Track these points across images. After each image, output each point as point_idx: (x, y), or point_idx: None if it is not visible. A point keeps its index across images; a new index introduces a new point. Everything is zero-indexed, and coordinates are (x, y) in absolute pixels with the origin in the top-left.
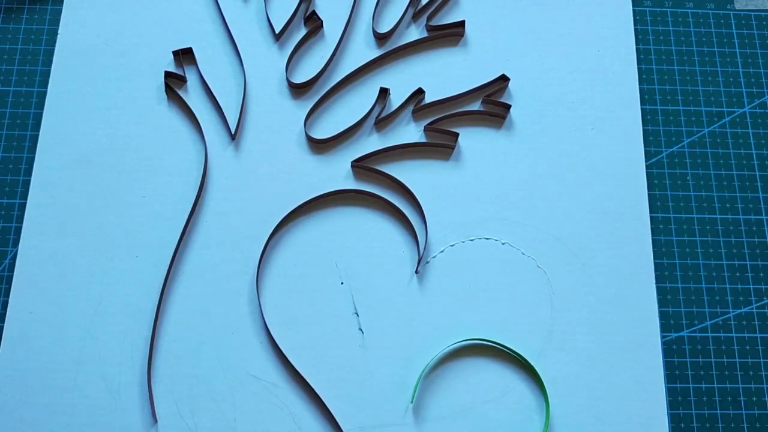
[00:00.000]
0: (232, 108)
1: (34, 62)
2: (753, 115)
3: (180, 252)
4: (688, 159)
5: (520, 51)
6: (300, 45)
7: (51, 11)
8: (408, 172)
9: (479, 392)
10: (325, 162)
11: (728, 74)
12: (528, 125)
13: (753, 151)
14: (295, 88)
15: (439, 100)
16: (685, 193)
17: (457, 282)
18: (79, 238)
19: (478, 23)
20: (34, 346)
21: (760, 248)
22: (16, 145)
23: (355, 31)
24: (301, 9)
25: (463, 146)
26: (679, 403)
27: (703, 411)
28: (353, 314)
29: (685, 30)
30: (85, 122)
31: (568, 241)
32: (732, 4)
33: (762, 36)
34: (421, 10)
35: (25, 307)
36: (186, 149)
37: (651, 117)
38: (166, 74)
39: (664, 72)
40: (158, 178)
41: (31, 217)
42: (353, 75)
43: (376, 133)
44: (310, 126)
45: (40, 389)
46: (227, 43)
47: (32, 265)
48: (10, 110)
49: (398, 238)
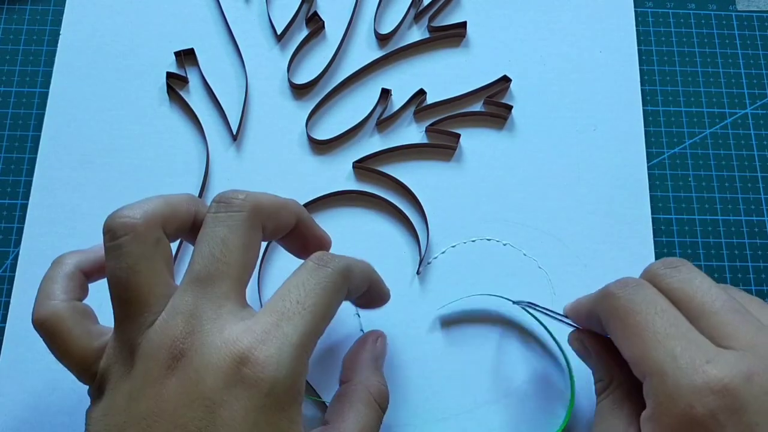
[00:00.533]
0: (233, 109)
1: (36, 63)
2: (755, 116)
3: (181, 253)
4: (690, 160)
5: (522, 52)
6: (301, 46)
7: (53, 12)
8: (409, 173)
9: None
10: (327, 163)
11: (730, 75)
12: (529, 126)
13: (755, 152)
14: (297, 88)
15: (441, 101)
16: (687, 194)
17: (459, 283)
18: (80, 239)
19: (479, 24)
20: (35, 347)
21: (761, 249)
22: (17, 146)
23: (356, 32)
24: (302, 10)
25: (464, 147)
26: None
27: None
28: (354, 315)
29: (686, 31)
30: (87, 123)
31: (570, 242)
32: (734, 5)
33: (764, 37)
34: (422, 11)
35: (27, 308)
36: (187, 150)
37: (653, 118)
38: (168, 75)
39: (666, 73)
40: (160, 179)
41: (32, 218)
42: (355, 76)
43: (378, 134)
44: (312, 127)
45: (42, 390)
46: (229, 43)
47: (34, 265)
48: (12, 111)
49: (399, 239)
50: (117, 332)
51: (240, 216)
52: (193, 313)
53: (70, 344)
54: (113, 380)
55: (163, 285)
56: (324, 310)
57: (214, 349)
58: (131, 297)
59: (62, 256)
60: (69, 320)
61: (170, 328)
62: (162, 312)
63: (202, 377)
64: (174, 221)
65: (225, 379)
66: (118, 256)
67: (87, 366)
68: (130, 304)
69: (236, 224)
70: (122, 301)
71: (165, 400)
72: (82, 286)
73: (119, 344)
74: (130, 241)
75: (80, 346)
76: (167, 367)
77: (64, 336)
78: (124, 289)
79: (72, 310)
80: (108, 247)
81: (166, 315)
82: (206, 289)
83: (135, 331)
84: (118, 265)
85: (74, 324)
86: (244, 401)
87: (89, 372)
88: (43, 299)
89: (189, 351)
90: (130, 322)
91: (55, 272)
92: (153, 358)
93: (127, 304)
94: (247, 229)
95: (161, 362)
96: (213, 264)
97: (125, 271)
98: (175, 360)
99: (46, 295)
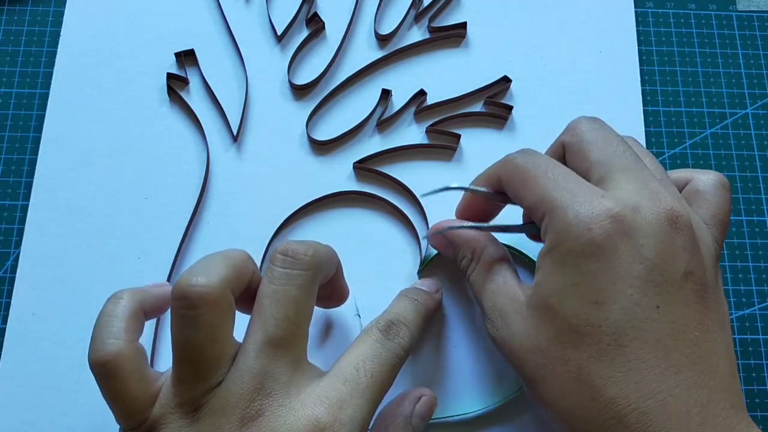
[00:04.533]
0: (234, 109)
1: (37, 64)
2: (755, 116)
3: (182, 253)
4: (691, 160)
5: (522, 52)
6: (302, 46)
7: (53, 13)
8: (410, 174)
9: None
10: (327, 163)
11: (730, 75)
12: (530, 127)
13: (755, 152)
14: (297, 89)
15: (441, 101)
16: None
17: (459, 282)
18: (81, 240)
19: (480, 25)
20: (36, 348)
21: (762, 249)
22: (18, 147)
23: (357, 33)
24: (303, 11)
25: (464, 147)
26: None
27: None
28: (355, 316)
29: (687, 31)
30: (87, 124)
31: None
32: (734, 5)
33: (764, 37)
34: (423, 11)
35: (28, 309)
36: (188, 151)
37: (653, 118)
38: (168, 76)
39: (666, 73)
40: (160, 180)
41: (33, 219)
42: (355, 76)
43: (378, 135)
44: (312, 127)
45: (43, 391)
46: (229, 44)
47: (35, 266)
48: (13, 112)
49: (400, 239)
50: (180, 388)
51: (308, 276)
52: (268, 375)
53: (128, 388)
54: (170, 431)
55: (233, 347)
56: (388, 384)
57: (292, 412)
58: (204, 361)
59: (120, 292)
60: (131, 363)
61: (245, 389)
62: (231, 371)
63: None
64: (239, 285)
65: None
66: (195, 326)
67: (138, 411)
68: (202, 366)
69: (306, 284)
70: (192, 364)
71: None
72: (142, 327)
73: (180, 399)
74: (208, 312)
75: (137, 391)
76: (241, 425)
77: (125, 379)
78: (197, 354)
79: (135, 351)
80: (183, 315)
81: (239, 375)
82: (281, 352)
83: (202, 389)
84: (195, 335)
85: (135, 368)
86: None
87: (137, 417)
88: (104, 338)
89: (266, 412)
90: (199, 381)
91: (115, 309)
92: (225, 416)
93: (198, 366)
94: (315, 288)
95: (234, 421)
96: (288, 327)
97: (202, 340)
98: (249, 420)
99: (108, 333)
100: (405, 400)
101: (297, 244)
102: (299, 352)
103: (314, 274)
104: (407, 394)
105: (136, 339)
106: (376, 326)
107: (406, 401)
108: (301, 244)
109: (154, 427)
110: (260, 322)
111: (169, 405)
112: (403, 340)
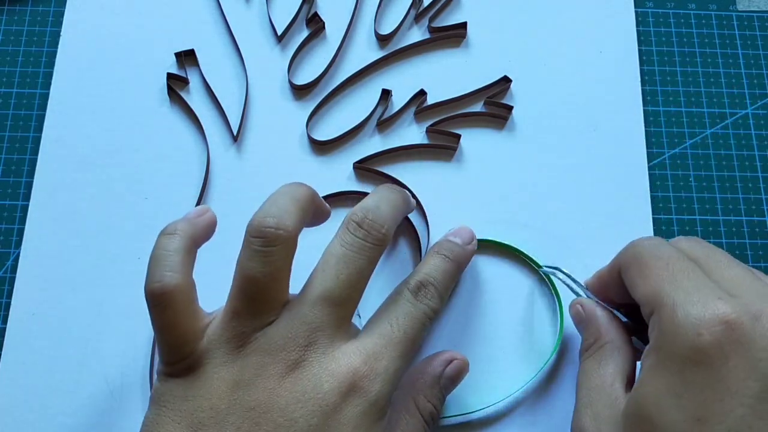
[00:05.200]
0: (234, 109)
1: (37, 64)
2: (756, 117)
3: None
4: (691, 160)
5: (522, 52)
6: (302, 46)
7: (53, 13)
8: (410, 174)
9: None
10: (327, 163)
11: (730, 75)
12: (530, 127)
13: (756, 152)
14: (297, 89)
15: (441, 101)
16: (687, 194)
17: (460, 283)
18: (81, 240)
19: (480, 25)
20: (36, 348)
21: (762, 250)
22: (18, 147)
23: (357, 33)
24: (303, 11)
25: (465, 148)
26: None
27: None
28: (355, 316)
29: (687, 31)
30: (88, 124)
31: (570, 243)
32: (734, 5)
33: (764, 37)
34: (423, 11)
35: (28, 309)
36: (188, 150)
37: (653, 118)
38: (169, 76)
39: (666, 73)
40: (160, 180)
41: (33, 219)
42: (355, 76)
43: (378, 135)
44: (312, 127)
45: (42, 391)
46: (229, 44)
47: (35, 266)
48: (13, 112)
49: (400, 239)
50: (232, 323)
51: (379, 251)
52: (318, 326)
53: (181, 320)
54: (214, 365)
55: (287, 293)
56: (419, 341)
57: (334, 360)
58: (264, 298)
59: (172, 226)
60: (186, 296)
61: (294, 334)
62: (284, 314)
63: (320, 382)
64: (303, 226)
65: (340, 386)
66: (265, 262)
67: (186, 342)
68: (260, 303)
69: (374, 257)
70: (251, 299)
71: (278, 395)
72: (194, 261)
73: (230, 333)
74: (280, 251)
75: (188, 323)
76: (286, 367)
77: (178, 311)
78: (259, 290)
79: (190, 286)
80: (255, 250)
81: (292, 320)
82: (334, 309)
83: (252, 326)
84: (262, 269)
85: (189, 301)
86: (354, 407)
87: (184, 349)
88: (163, 270)
89: (310, 357)
90: (253, 317)
91: (171, 244)
92: (271, 356)
93: (256, 302)
94: (379, 259)
95: (280, 362)
96: (348, 290)
97: (267, 276)
98: (295, 363)
99: (165, 266)
100: (435, 360)
101: (375, 212)
102: (348, 313)
103: (384, 248)
104: (439, 355)
105: (191, 274)
106: (406, 287)
107: (436, 361)
108: (379, 214)
109: (198, 361)
110: (323, 277)
111: (218, 340)
112: (432, 302)
